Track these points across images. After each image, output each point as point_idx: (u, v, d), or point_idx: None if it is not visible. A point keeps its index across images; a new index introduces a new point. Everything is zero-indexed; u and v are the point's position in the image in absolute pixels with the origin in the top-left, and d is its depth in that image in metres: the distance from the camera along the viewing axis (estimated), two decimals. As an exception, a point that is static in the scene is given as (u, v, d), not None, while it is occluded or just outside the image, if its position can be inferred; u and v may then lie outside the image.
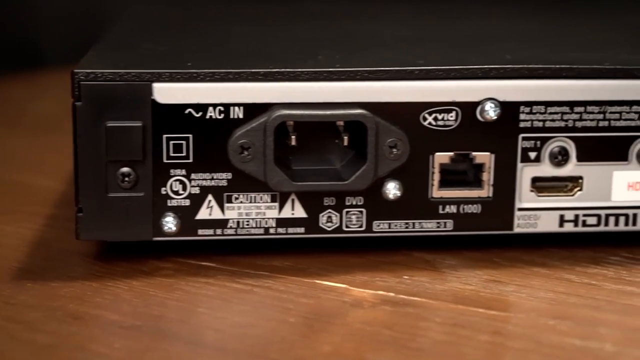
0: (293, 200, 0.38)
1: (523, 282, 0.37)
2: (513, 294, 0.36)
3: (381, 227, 0.38)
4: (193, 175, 0.37)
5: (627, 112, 0.38)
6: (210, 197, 0.37)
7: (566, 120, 0.38)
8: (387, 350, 0.31)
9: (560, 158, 0.38)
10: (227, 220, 0.38)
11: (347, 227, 0.38)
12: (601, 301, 0.35)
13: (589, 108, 0.38)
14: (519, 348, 0.32)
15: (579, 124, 0.38)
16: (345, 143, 0.37)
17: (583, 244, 0.40)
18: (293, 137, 0.37)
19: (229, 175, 0.37)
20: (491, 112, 0.37)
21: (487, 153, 0.38)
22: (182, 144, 0.37)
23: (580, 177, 0.39)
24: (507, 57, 0.39)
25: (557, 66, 0.37)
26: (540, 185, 0.39)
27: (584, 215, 0.39)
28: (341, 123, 0.37)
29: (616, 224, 0.39)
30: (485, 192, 0.38)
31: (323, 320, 0.33)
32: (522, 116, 0.38)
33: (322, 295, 0.35)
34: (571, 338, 0.32)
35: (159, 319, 0.33)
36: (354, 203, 0.38)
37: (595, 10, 0.56)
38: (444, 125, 0.38)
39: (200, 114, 0.36)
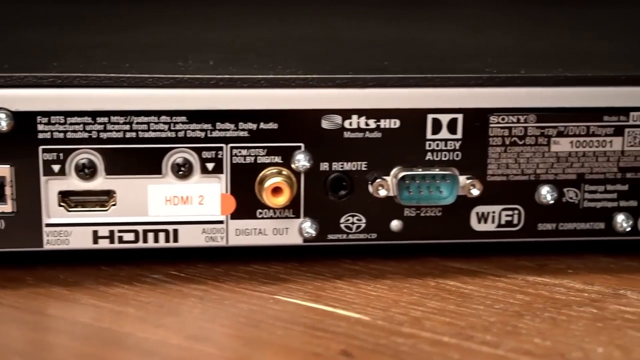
0: None
1: (29, 304, 0.35)
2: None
3: None
4: None
5: (156, 123, 0.36)
6: None
7: (90, 132, 0.36)
8: None
9: (87, 171, 0.36)
10: None
11: None
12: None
13: (114, 118, 0.36)
14: None
15: (103, 135, 0.36)
16: None
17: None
18: None
19: None
20: (2, 122, 0.35)
21: (7, 166, 0.36)
22: None
23: (113, 191, 0.37)
24: (54, 64, 0.37)
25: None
26: (71, 199, 0.37)
27: (120, 231, 0.37)
28: None
29: (156, 240, 0.37)
30: (9, 207, 0.36)
31: None
32: (40, 127, 0.36)
33: None
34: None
35: None
36: None
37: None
38: (-46, 137, 0.36)
39: None
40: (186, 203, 0.37)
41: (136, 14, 0.54)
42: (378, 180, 0.37)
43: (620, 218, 0.38)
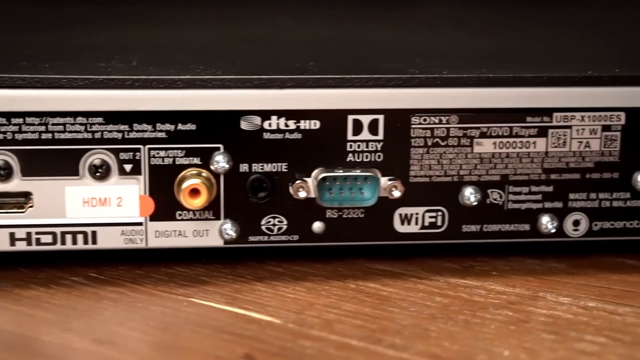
0: None
1: None
2: None
3: None
4: None
5: (72, 124, 0.36)
6: None
7: (4, 133, 0.36)
8: None
9: (2, 172, 0.36)
10: None
11: None
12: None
13: (29, 119, 0.36)
14: None
15: (19, 137, 0.36)
16: None
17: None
18: None
19: None
20: None
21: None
22: None
23: (30, 193, 0.36)
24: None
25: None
26: (-12, 201, 0.36)
27: (37, 233, 0.37)
28: None
29: (74, 242, 0.37)
30: None
31: None
32: (-40, 128, 0.35)
33: None
34: None
35: None
36: None
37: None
38: None
39: None
40: (104, 205, 0.37)
41: (70, 14, 0.53)
42: (298, 181, 0.37)
43: (545, 219, 0.38)
